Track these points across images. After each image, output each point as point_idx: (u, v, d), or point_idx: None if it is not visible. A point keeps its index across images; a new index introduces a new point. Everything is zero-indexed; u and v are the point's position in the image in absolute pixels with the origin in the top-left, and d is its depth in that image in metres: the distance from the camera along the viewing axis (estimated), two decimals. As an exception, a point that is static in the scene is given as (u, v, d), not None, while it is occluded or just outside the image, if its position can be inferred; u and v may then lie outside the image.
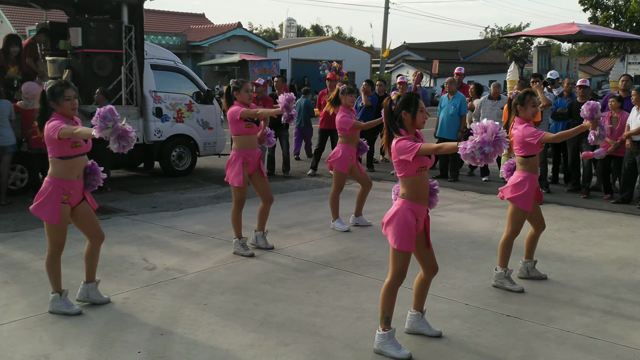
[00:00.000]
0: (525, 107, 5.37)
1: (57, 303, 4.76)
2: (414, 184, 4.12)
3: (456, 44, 51.39)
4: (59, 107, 4.61)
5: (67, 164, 4.61)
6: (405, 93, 4.26)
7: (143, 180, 11.17)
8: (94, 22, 10.09)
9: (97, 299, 4.97)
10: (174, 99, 11.17)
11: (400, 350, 4.14)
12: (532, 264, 5.81)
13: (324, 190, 10.34)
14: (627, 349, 4.32)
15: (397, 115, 4.13)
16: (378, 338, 4.20)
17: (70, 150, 4.56)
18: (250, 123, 6.33)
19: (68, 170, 4.62)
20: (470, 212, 8.65)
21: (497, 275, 5.53)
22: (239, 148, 6.38)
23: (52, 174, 4.64)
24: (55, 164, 4.62)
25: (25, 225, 7.46)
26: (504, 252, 5.50)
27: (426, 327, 4.48)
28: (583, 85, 9.92)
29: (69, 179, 4.63)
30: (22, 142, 8.62)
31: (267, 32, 64.59)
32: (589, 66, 44.45)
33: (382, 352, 4.17)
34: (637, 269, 6.20)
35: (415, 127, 4.17)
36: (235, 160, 6.35)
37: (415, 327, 4.48)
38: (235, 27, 33.46)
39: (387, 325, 4.19)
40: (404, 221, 4.09)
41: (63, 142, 4.52)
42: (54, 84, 4.67)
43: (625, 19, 27.00)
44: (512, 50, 38.62)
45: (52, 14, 12.39)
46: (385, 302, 4.19)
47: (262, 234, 6.70)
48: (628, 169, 9.04)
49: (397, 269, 4.16)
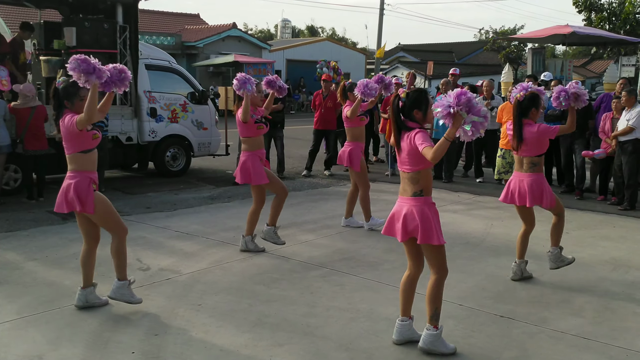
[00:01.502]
0: (538, 110, 5.53)
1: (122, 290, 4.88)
2: (428, 176, 4.12)
3: (451, 46, 51.42)
4: (72, 106, 4.64)
5: (90, 156, 4.66)
6: (413, 90, 4.24)
7: (137, 180, 11.15)
8: (89, 22, 10.07)
9: (96, 302, 4.94)
10: (169, 99, 11.16)
11: (448, 346, 4.20)
12: (524, 263, 5.86)
13: (319, 191, 10.35)
14: (620, 350, 4.34)
15: (409, 112, 4.11)
16: (429, 337, 4.16)
17: (92, 142, 4.63)
18: (261, 124, 6.41)
19: (91, 162, 4.68)
20: (464, 213, 8.67)
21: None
22: (252, 149, 6.41)
23: (77, 168, 4.63)
24: (77, 158, 4.63)
25: (19, 225, 7.43)
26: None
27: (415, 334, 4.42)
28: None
29: (93, 171, 4.70)
30: (16, 142, 8.59)
31: (262, 32, 64.53)
32: (583, 68, 44.53)
33: (432, 350, 4.16)
34: (630, 269, 6.23)
35: (426, 123, 4.18)
36: (253, 161, 6.37)
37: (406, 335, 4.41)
38: (230, 28, 33.39)
39: (438, 322, 4.20)
40: (435, 217, 4.09)
41: (84, 134, 4.54)
42: (68, 83, 4.67)
43: (619, 20, 27.10)
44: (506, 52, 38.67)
45: (46, 14, 12.35)
46: (437, 298, 4.19)
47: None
48: (618, 170, 9.08)
49: (444, 264, 4.21)
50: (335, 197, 9.65)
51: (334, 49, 39.22)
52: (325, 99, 11.77)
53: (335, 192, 10.15)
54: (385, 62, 41.91)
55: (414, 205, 4.08)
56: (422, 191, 4.08)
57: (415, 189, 4.08)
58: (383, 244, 6.87)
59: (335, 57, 36.61)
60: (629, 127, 8.73)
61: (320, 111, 11.83)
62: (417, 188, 4.08)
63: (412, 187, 4.09)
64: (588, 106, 9.92)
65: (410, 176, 4.10)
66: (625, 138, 8.83)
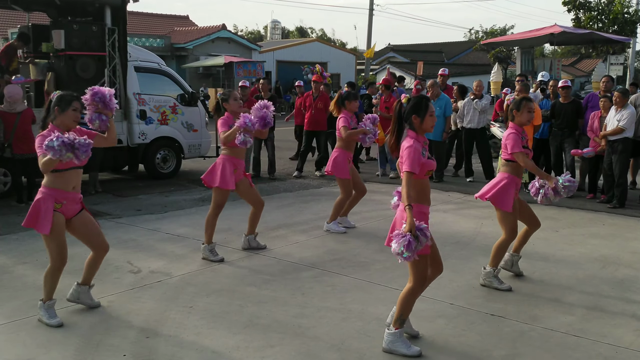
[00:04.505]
0: (520, 112, 5.48)
1: (41, 311, 4.68)
2: (420, 185, 4.17)
3: (440, 46, 51.60)
4: (62, 113, 4.53)
5: (61, 175, 4.51)
6: (414, 96, 4.30)
7: (127, 183, 11.11)
8: (77, 24, 10.03)
9: (87, 302, 4.94)
10: (158, 101, 11.13)
11: (411, 348, 4.18)
12: (518, 257, 5.91)
13: (310, 192, 10.36)
14: (609, 347, 4.37)
15: (408, 117, 4.19)
16: (388, 337, 4.21)
17: (60, 165, 4.39)
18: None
19: (62, 182, 4.54)
20: (454, 213, 8.70)
21: (485, 274, 5.58)
22: (229, 155, 6.35)
23: (45, 184, 4.54)
24: (48, 175, 4.52)
25: (8, 229, 7.39)
26: (497, 254, 5.57)
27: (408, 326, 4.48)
28: (565, 85, 10.02)
29: (63, 190, 4.54)
30: (4, 146, 8.54)
31: (252, 34, 64.47)
32: (572, 67, 44.84)
33: (392, 350, 4.19)
34: (619, 267, 6.27)
35: (423, 131, 4.22)
36: (224, 165, 6.28)
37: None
38: (220, 29, 33.35)
39: (400, 325, 4.22)
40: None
41: None
42: (65, 93, 4.64)
43: (608, 20, 27.29)
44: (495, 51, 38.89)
45: (34, 16, 12.29)
46: (405, 306, 4.21)
47: (254, 237, 6.74)
48: (608, 169, 9.14)
49: (419, 275, 4.17)
50: (326, 197, 9.65)
51: (324, 50, 39.24)
52: (316, 99, 11.78)
53: (326, 193, 10.16)
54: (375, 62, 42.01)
55: (401, 210, 4.12)
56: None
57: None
58: (374, 245, 6.88)
59: (325, 58, 36.73)
60: (620, 128, 8.77)
61: (310, 112, 11.84)
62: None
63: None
64: (579, 105, 10.03)
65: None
66: (615, 137, 8.88)
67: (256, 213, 6.65)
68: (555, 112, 10.00)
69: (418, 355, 4.15)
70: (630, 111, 8.83)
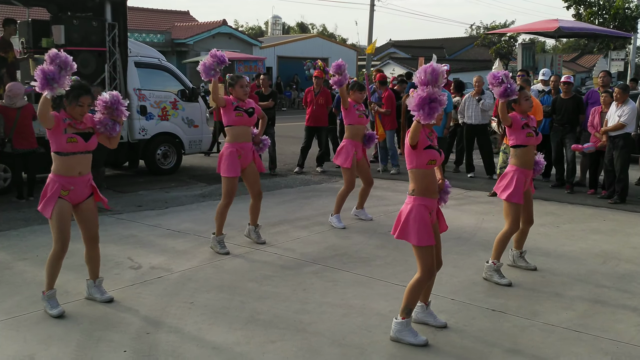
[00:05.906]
0: (519, 102, 5.50)
1: (44, 302, 4.74)
2: (423, 176, 4.19)
3: (441, 41, 51.50)
4: (68, 106, 4.64)
5: (66, 160, 4.62)
6: None
7: (128, 179, 11.10)
8: (77, 20, 9.99)
9: (97, 297, 4.99)
10: (159, 96, 11.11)
11: (418, 337, 4.23)
12: (517, 253, 5.96)
13: (311, 187, 10.34)
14: (611, 342, 4.37)
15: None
16: (396, 326, 4.27)
17: (66, 145, 4.56)
18: (240, 112, 6.31)
19: (67, 167, 4.64)
20: (455, 208, 8.68)
21: (487, 268, 5.61)
22: (232, 140, 6.39)
23: (53, 170, 4.68)
24: (55, 159, 4.66)
25: (9, 225, 7.39)
26: (499, 246, 5.59)
27: (431, 317, 4.58)
28: (567, 81, 10.01)
29: (68, 176, 4.65)
30: (4, 142, 8.53)
31: (253, 29, 64.34)
32: (573, 63, 44.76)
33: (399, 339, 4.24)
34: (620, 262, 6.26)
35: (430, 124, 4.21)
36: (228, 152, 6.34)
37: (420, 317, 4.58)
38: (220, 25, 33.30)
39: (407, 315, 4.27)
40: (420, 217, 4.16)
41: (57, 134, 4.54)
42: (78, 85, 4.68)
43: (609, 15, 27.21)
44: (497, 47, 38.78)
45: (34, 12, 12.27)
46: (411, 296, 4.26)
47: (255, 228, 6.76)
48: (609, 165, 9.13)
49: (425, 266, 4.21)
50: (327, 193, 9.64)
51: (325, 46, 39.17)
52: (317, 95, 11.75)
53: (327, 189, 10.15)
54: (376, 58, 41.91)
55: (407, 202, 4.27)
56: (414, 190, 4.24)
57: (410, 187, 4.27)
58: (375, 240, 6.88)
59: (327, 54, 36.67)
60: (621, 124, 8.77)
61: (311, 108, 11.81)
62: (411, 187, 4.27)
63: (410, 185, 4.28)
64: (579, 101, 10.02)
65: (409, 174, 4.28)
66: (616, 133, 8.87)
67: (255, 205, 6.70)
68: (556, 108, 9.99)
69: (424, 344, 4.21)
70: (631, 107, 8.83)
